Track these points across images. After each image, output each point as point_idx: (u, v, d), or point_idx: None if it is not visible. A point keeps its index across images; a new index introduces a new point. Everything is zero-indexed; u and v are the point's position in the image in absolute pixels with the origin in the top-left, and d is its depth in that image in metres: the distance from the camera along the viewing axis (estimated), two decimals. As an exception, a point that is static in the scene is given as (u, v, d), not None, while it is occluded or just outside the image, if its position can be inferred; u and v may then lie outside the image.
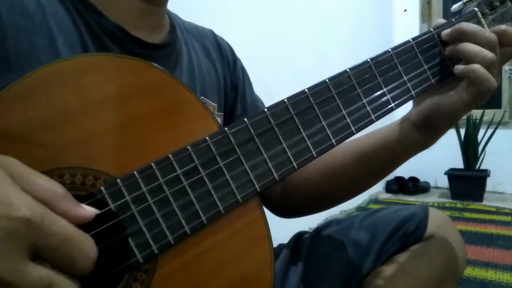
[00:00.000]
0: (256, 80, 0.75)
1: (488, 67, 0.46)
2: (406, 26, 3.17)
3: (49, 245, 0.26)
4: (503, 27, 0.50)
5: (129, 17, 0.50)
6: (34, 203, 0.26)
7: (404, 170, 3.03)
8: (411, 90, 0.49)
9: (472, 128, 2.75)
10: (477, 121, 2.76)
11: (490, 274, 1.55)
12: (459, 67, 0.49)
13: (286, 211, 0.67)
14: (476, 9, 0.54)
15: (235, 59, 0.69)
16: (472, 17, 0.53)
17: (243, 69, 0.70)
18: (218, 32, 0.70)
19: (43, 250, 0.26)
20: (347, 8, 2.58)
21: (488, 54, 0.47)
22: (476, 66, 0.46)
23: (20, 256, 0.25)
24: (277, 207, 0.67)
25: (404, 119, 0.55)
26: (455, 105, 0.48)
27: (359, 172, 0.58)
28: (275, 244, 0.55)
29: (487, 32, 0.48)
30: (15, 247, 0.24)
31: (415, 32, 3.22)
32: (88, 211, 0.30)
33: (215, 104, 0.62)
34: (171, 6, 0.59)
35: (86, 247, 0.28)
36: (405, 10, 3.23)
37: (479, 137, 2.76)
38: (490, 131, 2.75)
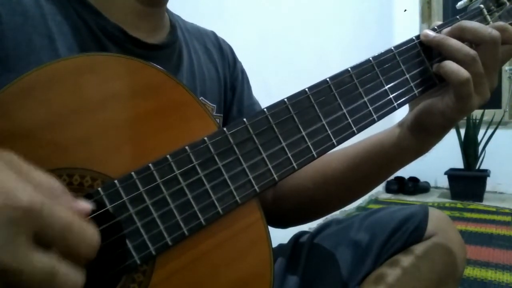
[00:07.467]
0: (256, 80, 0.74)
1: (472, 61, 0.45)
2: (406, 26, 3.16)
3: (50, 233, 0.26)
4: (501, 23, 0.48)
5: (127, 18, 0.50)
6: (33, 192, 0.26)
7: (404, 170, 2.99)
8: (414, 89, 0.48)
9: (472, 128, 2.75)
10: (477, 121, 2.76)
11: (490, 274, 1.55)
12: (435, 65, 0.48)
13: (278, 220, 0.64)
14: (482, 6, 0.52)
15: (235, 60, 0.69)
16: (478, 15, 0.52)
17: (243, 71, 0.70)
18: (218, 32, 0.70)
19: (46, 238, 0.26)
20: (347, 8, 2.58)
21: (470, 51, 0.45)
22: (446, 62, 0.46)
23: (22, 244, 0.25)
24: (268, 216, 0.66)
25: (400, 123, 0.54)
26: (447, 106, 0.47)
27: (351, 177, 0.57)
28: (275, 244, 0.54)
29: (489, 29, 0.46)
30: (17, 235, 0.24)
31: (415, 32, 3.23)
32: (85, 205, 0.30)
33: (214, 105, 0.62)
34: (171, 7, 0.58)
35: (88, 233, 0.28)
36: (405, 10, 3.23)
37: (479, 137, 2.76)
38: (490, 131, 2.75)
